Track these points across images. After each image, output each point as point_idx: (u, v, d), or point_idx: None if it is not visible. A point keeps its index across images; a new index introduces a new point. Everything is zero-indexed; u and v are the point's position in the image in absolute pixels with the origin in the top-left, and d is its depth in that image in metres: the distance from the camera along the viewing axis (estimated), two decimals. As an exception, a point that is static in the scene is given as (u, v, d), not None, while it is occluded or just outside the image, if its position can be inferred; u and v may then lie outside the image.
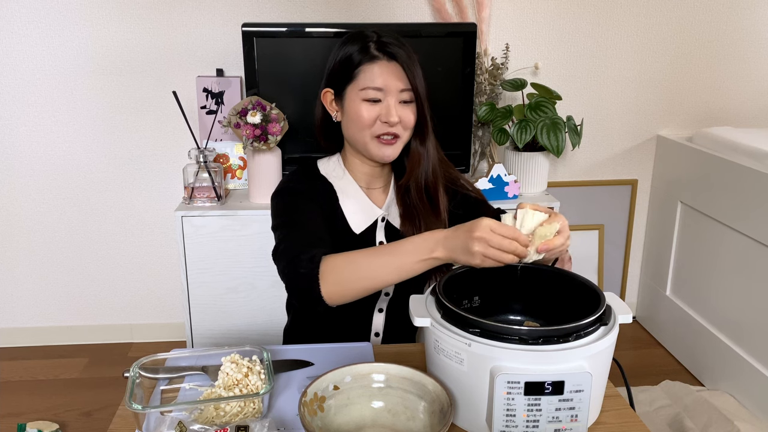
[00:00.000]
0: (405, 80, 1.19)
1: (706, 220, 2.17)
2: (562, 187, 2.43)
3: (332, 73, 1.24)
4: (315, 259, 1.05)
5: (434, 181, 1.27)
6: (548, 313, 1.03)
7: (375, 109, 1.19)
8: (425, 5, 2.19)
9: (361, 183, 1.30)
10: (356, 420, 0.89)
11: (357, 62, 1.19)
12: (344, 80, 1.21)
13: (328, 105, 1.27)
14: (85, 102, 2.20)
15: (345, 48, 1.22)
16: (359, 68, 1.19)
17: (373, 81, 1.18)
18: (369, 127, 1.20)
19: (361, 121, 1.20)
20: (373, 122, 1.20)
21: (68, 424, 1.97)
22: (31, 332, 2.42)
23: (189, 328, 1.98)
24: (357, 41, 1.20)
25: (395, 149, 1.23)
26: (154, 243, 2.37)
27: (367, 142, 1.22)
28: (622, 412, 0.95)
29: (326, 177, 1.29)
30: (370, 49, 1.19)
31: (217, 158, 2.08)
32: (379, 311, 1.28)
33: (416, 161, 1.27)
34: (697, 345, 2.23)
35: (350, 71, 1.20)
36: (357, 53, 1.19)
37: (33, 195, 2.28)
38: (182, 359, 1.04)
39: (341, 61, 1.22)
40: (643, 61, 2.35)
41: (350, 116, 1.22)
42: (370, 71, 1.18)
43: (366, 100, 1.19)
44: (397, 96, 1.19)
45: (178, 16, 2.14)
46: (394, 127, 1.20)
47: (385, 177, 1.33)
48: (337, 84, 1.24)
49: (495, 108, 2.06)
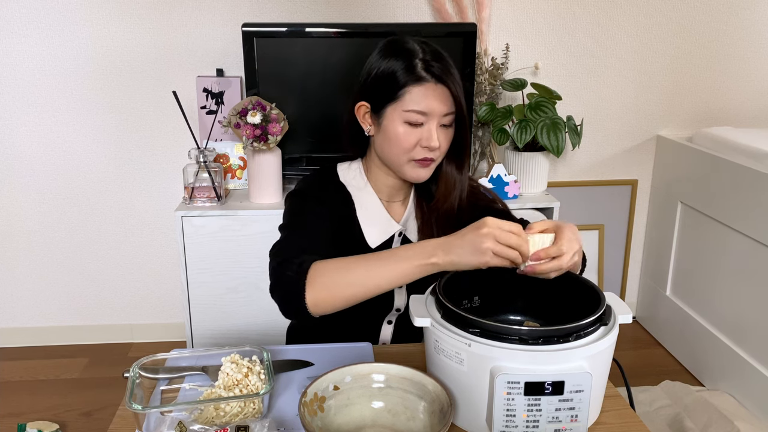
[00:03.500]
0: (450, 103, 1.13)
1: (706, 220, 2.17)
2: (562, 187, 2.43)
3: (370, 87, 1.16)
4: (304, 264, 1.02)
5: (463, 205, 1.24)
6: (548, 313, 1.03)
7: (416, 132, 1.13)
8: (425, 5, 2.19)
9: (382, 195, 1.26)
10: (356, 420, 0.89)
11: (402, 82, 1.11)
12: (385, 98, 1.13)
13: (361, 118, 1.20)
14: (85, 102, 2.20)
15: (388, 62, 1.13)
16: (404, 89, 1.11)
17: (419, 104, 1.11)
18: (408, 151, 1.14)
19: (400, 144, 1.14)
20: (414, 146, 1.14)
21: (68, 424, 1.97)
22: (31, 332, 2.42)
23: (189, 328, 1.98)
24: (402, 57, 1.12)
25: (430, 171, 1.18)
26: (154, 243, 2.37)
27: (402, 164, 1.17)
28: (622, 412, 0.95)
29: (345, 185, 1.24)
30: (417, 69, 1.10)
31: (217, 158, 2.08)
32: (388, 323, 1.26)
33: (451, 187, 1.22)
34: (697, 345, 2.23)
35: (393, 90, 1.12)
36: (402, 72, 1.11)
37: (33, 195, 2.28)
38: (182, 359, 1.03)
39: (383, 77, 1.13)
40: (643, 61, 2.35)
41: (388, 136, 1.15)
42: (416, 93, 1.11)
43: (408, 122, 1.13)
44: (439, 120, 1.13)
45: (178, 16, 2.14)
46: (433, 152, 1.15)
47: (405, 190, 1.28)
48: (375, 99, 1.16)
49: (495, 108, 2.06)
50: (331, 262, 1.02)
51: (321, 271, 1.01)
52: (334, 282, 1.00)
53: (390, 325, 1.26)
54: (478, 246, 0.93)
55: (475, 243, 0.93)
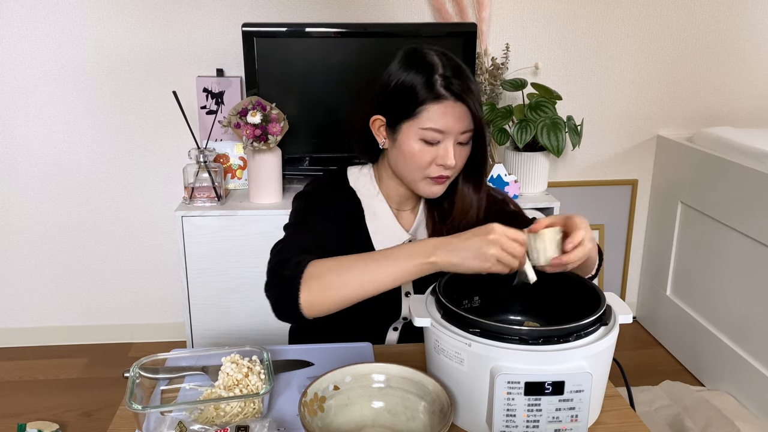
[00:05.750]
0: (468, 121, 1.10)
1: (706, 220, 2.17)
2: (562, 187, 2.43)
3: (387, 100, 1.13)
4: (301, 264, 0.99)
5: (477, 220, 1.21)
6: (548, 313, 1.03)
7: (432, 150, 1.10)
8: (425, 5, 2.19)
9: (392, 203, 1.24)
10: (356, 420, 0.89)
11: (421, 99, 1.08)
12: (402, 113, 1.10)
13: (375, 130, 1.16)
14: (85, 102, 2.20)
15: (407, 74, 1.09)
16: (423, 107, 1.08)
17: (436, 122, 1.08)
18: (423, 168, 1.12)
19: (415, 161, 1.12)
20: (429, 164, 1.12)
21: (68, 424, 1.97)
22: (31, 332, 2.42)
23: (189, 328, 1.98)
24: (421, 71, 1.08)
25: (444, 187, 1.16)
26: (154, 243, 2.37)
27: (417, 180, 1.15)
28: (622, 412, 0.95)
29: (356, 191, 1.22)
30: (436, 86, 1.07)
31: (217, 158, 2.08)
32: (394, 329, 1.25)
33: (468, 207, 1.20)
34: (697, 345, 2.23)
35: (411, 107, 1.09)
36: (422, 88, 1.07)
37: (33, 195, 2.28)
38: (182, 359, 1.04)
39: (401, 91, 1.10)
40: (643, 61, 2.35)
41: (403, 152, 1.12)
42: (434, 112, 1.07)
43: (424, 140, 1.10)
44: (456, 137, 1.10)
45: (178, 16, 2.14)
46: (449, 170, 1.13)
47: (415, 198, 1.26)
48: (391, 114, 1.13)
49: (495, 108, 2.06)
50: (326, 261, 0.99)
51: (317, 272, 0.98)
52: (329, 282, 0.97)
53: (396, 331, 1.25)
54: (483, 252, 0.91)
55: (480, 248, 0.92)
